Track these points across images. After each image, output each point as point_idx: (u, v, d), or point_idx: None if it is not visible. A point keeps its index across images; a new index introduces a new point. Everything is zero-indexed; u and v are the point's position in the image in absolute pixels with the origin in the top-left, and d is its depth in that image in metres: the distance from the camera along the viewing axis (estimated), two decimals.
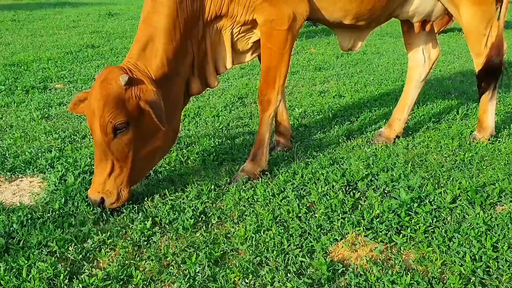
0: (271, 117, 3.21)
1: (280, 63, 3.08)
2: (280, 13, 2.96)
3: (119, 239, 2.54)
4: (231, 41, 3.13)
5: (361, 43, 3.51)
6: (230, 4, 2.97)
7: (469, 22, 3.49)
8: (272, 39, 3.02)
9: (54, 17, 11.93)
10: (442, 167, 3.37)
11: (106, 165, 2.76)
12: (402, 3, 3.39)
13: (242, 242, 2.51)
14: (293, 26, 3.02)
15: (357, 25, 3.30)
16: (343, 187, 3.04)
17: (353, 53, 8.00)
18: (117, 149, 2.73)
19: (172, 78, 2.92)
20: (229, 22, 3.05)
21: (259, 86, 3.18)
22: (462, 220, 2.69)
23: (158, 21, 2.82)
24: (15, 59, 7.07)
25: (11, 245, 2.47)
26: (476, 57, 3.65)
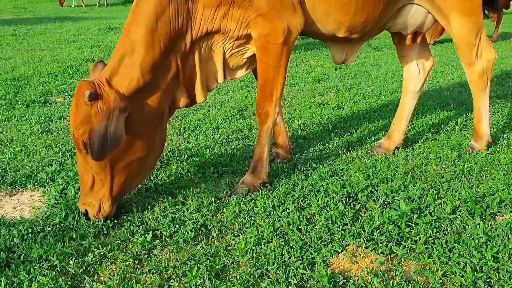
0: (269, 130, 3.22)
1: (276, 76, 3.09)
2: (275, 27, 2.97)
3: (119, 253, 2.54)
4: (223, 56, 3.13)
5: (353, 56, 3.53)
6: (223, 20, 2.96)
7: (459, 32, 3.54)
8: (268, 53, 3.03)
9: (55, 32, 11.99)
10: (442, 178, 3.38)
11: (88, 178, 2.82)
12: (394, 15, 3.43)
13: (242, 254, 2.51)
14: (288, 39, 3.03)
15: (351, 38, 3.32)
16: (343, 199, 3.05)
17: (352, 65, 8.05)
18: (93, 163, 2.77)
19: (150, 90, 2.90)
20: (222, 37, 3.05)
21: (257, 99, 3.19)
22: (462, 231, 2.69)
23: (135, 32, 2.81)
24: (15, 74, 7.10)
25: (12, 259, 2.47)
26: (467, 67, 3.71)
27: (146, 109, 2.89)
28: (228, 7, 2.91)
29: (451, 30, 3.56)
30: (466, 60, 3.67)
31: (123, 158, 2.84)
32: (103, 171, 2.80)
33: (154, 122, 2.97)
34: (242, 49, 3.14)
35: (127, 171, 2.88)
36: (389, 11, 3.33)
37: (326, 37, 3.31)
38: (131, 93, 2.81)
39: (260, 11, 2.92)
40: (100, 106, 2.68)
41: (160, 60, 2.87)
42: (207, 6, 2.90)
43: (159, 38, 2.83)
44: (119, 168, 2.84)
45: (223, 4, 2.90)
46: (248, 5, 2.90)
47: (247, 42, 3.11)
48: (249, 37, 3.07)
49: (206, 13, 2.91)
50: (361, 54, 9.09)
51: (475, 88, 3.76)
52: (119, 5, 22.71)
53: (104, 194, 2.82)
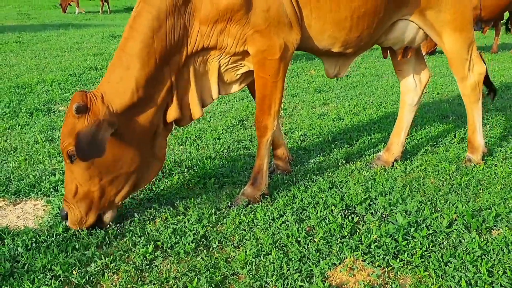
0: (268, 142, 3.27)
1: (274, 90, 3.14)
2: (272, 44, 3.01)
3: (121, 263, 2.59)
4: (218, 71, 3.15)
5: (346, 69, 3.59)
6: (220, 36, 2.98)
7: (452, 48, 3.63)
8: (265, 69, 3.08)
9: (58, 39, 12.11)
10: (439, 191, 3.43)
11: (71, 186, 2.85)
12: (386, 30, 3.50)
13: (242, 266, 2.56)
14: (285, 55, 3.08)
15: (345, 53, 3.38)
16: (342, 211, 3.10)
17: (352, 75, 8.13)
18: (77, 174, 2.81)
19: (145, 105, 2.92)
20: (217, 52, 3.07)
21: (255, 113, 3.24)
22: (458, 245, 2.74)
23: (132, 47, 2.83)
24: (19, 81, 7.18)
25: (16, 268, 2.52)
26: (460, 81, 3.80)
27: (138, 123, 2.91)
28: (225, 24, 2.94)
29: (444, 46, 3.65)
30: (459, 74, 3.76)
31: (108, 172, 2.84)
32: (87, 182, 2.82)
33: (146, 137, 2.98)
34: (237, 65, 3.19)
35: (113, 185, 2.89)
36: (383, 26, 3.39)
37: (321, 52, 3.37)
38: (124, 107, 2.83)
39: (257, 27, 2.97)
40: (88, 119, 2.71)
41: (154, 75, 2.89)
42: (204, 22, 2.93)
43: (154, 53, 2.85)
44: (104, 181, 2.85)
45: (220, 21, 2.93)
46: (245, 22, 2.95)
47: (243, 58, 3.15)
48: (245, 53, 3.11)
49: (202, 29, 2.95)
50: (362, 65, 9.17)
51: (469, 101, 3.84)
52: (122, 12, 22.86)
53: (88, 205, 2.85)
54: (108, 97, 2.80)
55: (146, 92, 2.88)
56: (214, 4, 2.89)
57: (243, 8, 2.90)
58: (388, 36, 3.56)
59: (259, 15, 2.94)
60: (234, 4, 2.88)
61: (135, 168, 2.94)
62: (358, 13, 3.14)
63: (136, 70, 2.83)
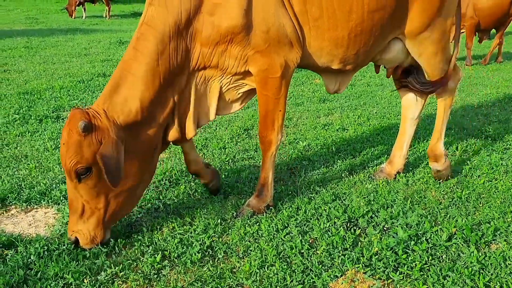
0: (273, 155, 3.35)
1: (277, 106, 3.22)
2: (273, 63, 3.09)
3: (130, 272, 2.68)
4: (219, 92, 3.21)
5: (346, 85, 3.66)
6: (221, 57, 3.05)
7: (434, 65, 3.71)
8: (267, 87, 3.15)
9: (66, 44, 12.25)
10: (440, 204, 3.50)
11: (77, 206, 2.85)
12: (381, 51, 3.59)
13: (247, 277, 2.64)
14: (286, 73, 3.16)
15: (344, 69, 3.46)
16: (344, 224, 3.18)
17: (357, 85, 8.22)
18: (84, 192, 2.82)
19: (148, 124, 2.98)
20: (219, 73, 3.14)
21: (259, 128, 3.32)
22: (457, 259, 2.82)
23: (137, 69, 2.89)
24: (28, 87, 7.31)
25: (29, 276, 2.62)
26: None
27: (141, 142, 2.98)
28: (226, 45, 3.01)
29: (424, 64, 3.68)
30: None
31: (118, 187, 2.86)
32: (94, 199, 2.85)
33: (148, 155, 3.04)
34: (239, 84, 3.25)
35: (117, 201, 2.93)
36: (379, 44, 3.47)
37: (320, 69, 3.45)
38: (128, 125, 2.89)
39: (257, 48, 3.04)
40: (96, 136, 2.74)
41: (159, 96, 2.97)
42: (205, 44, 3.00)
43: (159, 75, 2.93)
44: (111, 197, 2.89)
45: (221, 42, 3.00)
46: (245, 43, 3.01)
47: (245, 78, 3.21)
48: (247, 73, 3.18)
49: (204, 50, 3.02)
50: (367, 74, 9.24)
51: (443, 106, 3.96)
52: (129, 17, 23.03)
53: (96, 222, 2.87)
54: (111, 114, 2.84)
55: (150, 112, 2.96)
56: (215, 26, 2.96)
57: (244, 30, 2.97)
58: (383, 55, 3.65)
59: (259, 36, 3.01)
60: (234, 27, 2.95)
61: (137, 183, 3.00)
62: (355, 32, 3.22)
63: (141, 92, 2.89)
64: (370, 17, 3.21)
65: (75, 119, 2.72)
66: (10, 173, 4.06)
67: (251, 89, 3.29)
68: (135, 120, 2.91)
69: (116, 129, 2.82)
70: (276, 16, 3.01)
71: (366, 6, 3.18)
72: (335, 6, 3.12)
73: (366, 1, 3.17)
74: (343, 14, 3.15)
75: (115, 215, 2.98)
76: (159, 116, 3.03)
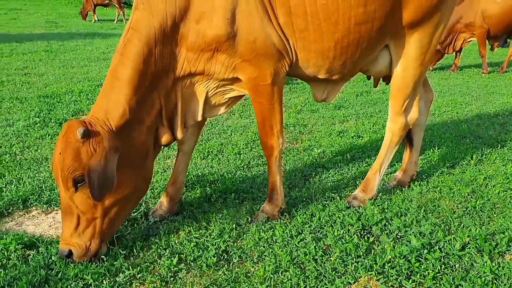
0: (278, 159, 3.37)
1: (272, 112, 3.22)
2: (262, 71, 3.08)
3: (148, 274, 2.75)
4: (205, 95, 3.22)
5: (335, 94, 3.62)
6: (207, 63, 3.06)
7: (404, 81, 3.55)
8: (259, 94, 3.16)
9: (85, 49, 12.46)
10: (454, 214, 3.52)
11: (72, 218, 2.81)
12: (369, 63, 3.53)
13: (261, 282, 2.69)
14: (277, 79, 3.15)
15: (331, 79, 3.43)
16: (358, 231, 3.22)
17: (372, 92, 8.23)
18: (80, 202, 2.79)
19: (137, 127, 2.99)
20: (205, 78, 3.15)
21: (259, 135, 3.34)
22: (470, 268, 2.83)
23: (123, 73, 2.88)
24: (48, 91, 7.46)
25: (50, 276, 2.70)
26: (394, 115, 3.70)
27: (132, 147, 2.98)
28: (212, 53, 3.01)
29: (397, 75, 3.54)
30: (396, 108, 3.66)
31: (111, 196, 2.86)
32: (90, 210, 2.82)
33: (139, 161, 3.04)
34: (226, 89, 3.26)
35: (114, 209, 2.91)
36: (367, 55, 3.40)
37: (308, 78, 3.44)
38: (120, 131, 2.89)
39: (244, 57, 3.04)
40: (93, 144, 2.74)
41: (146, 99, 2.98)
42: (190, 49, 3.00)
43: (145, 78, 2.93)
44: (107, 206, 2.87)
45: (206, 50, 3.00)
46: (232, 52, 3.01)
47: (233, 83, 3.22)
48: (235, 79, 3.18)
49: (189, 55, 3.02)
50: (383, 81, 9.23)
51: (390, 140, 3.73)
52: None
53: (91, 233, 2.83)
54: (105, 123, 2.85)
55: (138, 116, 2.97)
56: (199, 34, 2.96)
57: (229, 40, 2.97)
58: (371, 67, 3.59)
59: (245, 46, 3.00)
60: (219, 36, 2.95)
61: (132, 190, 2.98)
62: (342, 44, 3.17)
63: (128, 95, 2.89)
64: (357, 30, 3.15)
65: (72, 128, 2.72)
66: (31, 175, 4.17)
67: (238, 95, 3.30)
68: (124, 125, 2.91)
69: (111, 137, 2.82)
70: (262, 27, 2.99)
71: (353, 19, 3.10)
72: (320, 18, 3.06)
73: (353, 13, 3.09)
74: (329, 26, 3.09)
75: (111, 226, 2.94)
76: (146, 119, 3.04)
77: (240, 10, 2.95)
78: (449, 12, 3.48)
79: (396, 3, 3.20)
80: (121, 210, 2.97)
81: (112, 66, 2.95)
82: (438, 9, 3.34)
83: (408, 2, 3.23)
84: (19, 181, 4.04)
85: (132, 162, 2.98)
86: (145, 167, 3.10)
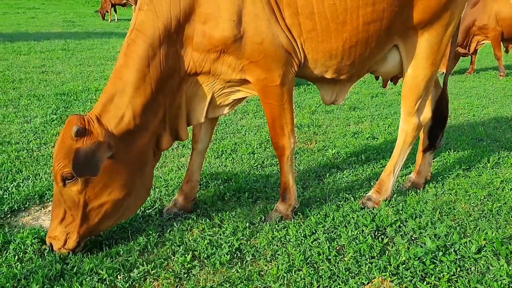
0: (289, 159, 3.35)
1: (282, 113, 3.20)
2: (270, 73, 3.05)
3: (162, 270, 2.77)
4: (211, 96, 3.19)
5: (343, 96, 3.58)
6: (214, 63, 3.03)
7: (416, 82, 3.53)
8: (269, 95, 3.14)
9: (101, 48, 12.58)
10: (470, 216, 3.48)
11: (59, 211, 2.86)
12: (377, 63, 3.49)
13: (274, 280, 2.69)
14: (285, 80, 3.12)
15: (339, 79, 3.39)
16: (372, 232, 3.20)
17: (388, 94, 8.18)
18: (67, 198, 2.82)
19: (139, 132, 2.96)
20: (212, 78, 3.11)
21: (270, 135, 3.32)
22: (486, 271, 2.80)
23: (128, 74, 2.86)
24: (65, 89, 7.55)
25: (65, 270, 2.74)
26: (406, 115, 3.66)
27: (130, 151, 2.93)
28: (218, 54, 2.99)
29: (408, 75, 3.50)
30: (408, 108, 3.62)
31: (98, 197, 2.85)
32: (76, 207, 2.83)
33: (137, 165, 2.99)
34: (233, 91, 3.24)
35: (99, 211, 2.88)
36: (375, 55, 3.37)
37: (315, 79, 3.41)
38: (120, 134, 2.87)
39: (252, 59, 3.01)
40: (87, 142, 2.73)
41: (150, 102, 2.94)
42: (196, 50, 2.98)
43: (150, 81, 2.90)
44: (92, 207, 2.85)
45: (212, 51, 2.97)
46: (239, 53, 2.99)
47: (240, 85, 3.20)
48: (244, 81, 3.15)
49: (195, 56, 2.99)
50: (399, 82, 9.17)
51: (404, 140, 3.69)
52: None
53: (72, 229, 2.85)
54: (104, 122, 2.84)
55: (141, 120, 2.93)
56: (205, 35, 2.93)
57: (236, 42, 2.94)
58: (379, 67, 3.55)
59: (252, 47, 2.98)
60: (225, 38, 2.92)
61: (124, 195, 2.93)
62: (350, 43, 3.14)
63: (133, 97, 2.87)
64: (365, 29, 3.12)
65: (71, 123, 2.74)
66: (48, 171, 4.22)
67: (244, 96, 3.29)
68: (127, 128, 2.89)
69: (107, 136, 2.80)
70: (269, 28, 2.96)
71: (361, 18, 3.06)
72: (328, 18, 3.02)
73: (361, 13, 3.06)
74: (337, 26, 3.06)
75: (94, 226, 2.91)
76: (150, 124, 3.00)
77: (247, 12, 2.93)
78: (459, 12, 3.45)
79: (405, 2, 3.18)
80: (110, 212, 2.92)
81: (116, 66, 2.93)
82: (447, 8, 3.31)
83: (417, 2, 3.21)
84: (36, 177, 4.10)
85: (130, 166, 2.94)
86: (143, 173, 3.05)
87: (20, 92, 7.23)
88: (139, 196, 3.08)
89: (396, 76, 3.81)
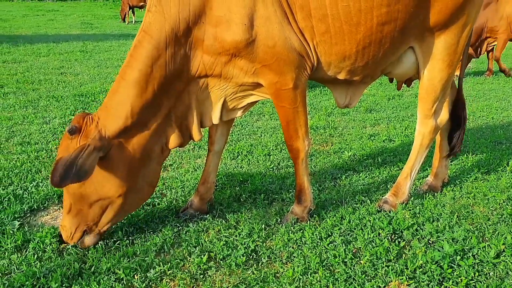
0: (304, 162, 3.34)
1: (296, 116, 3.19)
2: (283, 76, 3.04)
3: (178, 271, 2.79)
4: (223, 99, 3.19)
5: (357, 98, 3.55)
6: (225, 66, 3.02)
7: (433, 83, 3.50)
8: (282, 98, 3.12)
9: (119, 49, 12.71)
10: (488, 220, 3.44)
11: (66, 203, 2.96)
12: (391, 64, 3.45)
13: (290, 282, 2.69)
14: (299, 83, 3.10)
15: (352, 80, 3.36)
16: (388, 235, 3.18)
17: (404, 96, 8.12)
18: (70, 191, 2.90)
19: (139, 131, 2.97)
20: (224, 82, 3.11)
21: (284, 138, 3.31)
22: (505, 276, 2.76)
23: (130, 74, 2.87)
24: (83, 90, 7.65)
25: (84, 269, 2.77)
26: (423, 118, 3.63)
27: (130, 148, 2.96)
28: (229, 57, 2.98)
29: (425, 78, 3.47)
30: (425, 110, 3.59)
31: (97, 192, 2.89)
32: (78, 202, 2.91)
33: (139, 163, 3.00)
34: (246, 94, 3.24)
35: (100, 206, 2.94)
36: (391, 56, 3.34)
37: (328, 81, 3.39)
38: (118, 131, 2.89)
39: (264, 62, 2.99)
40: (80, 142, 2.80)
41: (152, 102, 2.95)
42: (207, 52, 2.97)
43: (152, 81, 2.89)
44: (93, 201, 2.91)
45: (224, 54, 2.96)
46: (251, 57, 2.97)
47: (253, 89, 3.19)
48: (257, 85, 3.14)
49: (205, 58, 2.99)
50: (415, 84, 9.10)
51: (420, 143, 3.66)
52: None
53: (77, 223, 2.94)
54: (103, 122, 2.88)
55: (141, 118, 2.94)
56: (217, 38, 2.92)
57: (247, 46, 2.93)
58: (394, 69, 3.52)
59: (265, 51, 2.96)
60: (237, 42, 2.91)
61: (123, 192, 2.95)
62: (363, 45, 3.11)
63: (133, 97, 2.88)
64: (379, 30, 3.08)
65: (73, 122, 2.86)
66: None
67: (257, 100, 3.28)
68: (125, 126, 2.91)
69: (97, 138, 2.82)
70: (282, 31, 2.94)
71: (375, 19, 3.02)
72: (342, 20, 3.00)
73: (375, 14, 3.02)
74: (350, 28, 3.03)
75: (97, 219, 2.97)
76: (151, 123, 3.01)
77: (258, 15, 2.92)
78: (476, 13, 3.41)
79: (421, 3, 3.14)
80: (113, 208, 2.97)
81: (122, 66, 2.96)
82: (464, 9, 3.27)
83: (433, 3, 3.18)
84: None
85: (130, 164, 2.96)
86: (147, 168, 3.06)
87: (39, 93, 7.35)
88: (141, 193, 3.09)
89: (410, 78, 3.78)
